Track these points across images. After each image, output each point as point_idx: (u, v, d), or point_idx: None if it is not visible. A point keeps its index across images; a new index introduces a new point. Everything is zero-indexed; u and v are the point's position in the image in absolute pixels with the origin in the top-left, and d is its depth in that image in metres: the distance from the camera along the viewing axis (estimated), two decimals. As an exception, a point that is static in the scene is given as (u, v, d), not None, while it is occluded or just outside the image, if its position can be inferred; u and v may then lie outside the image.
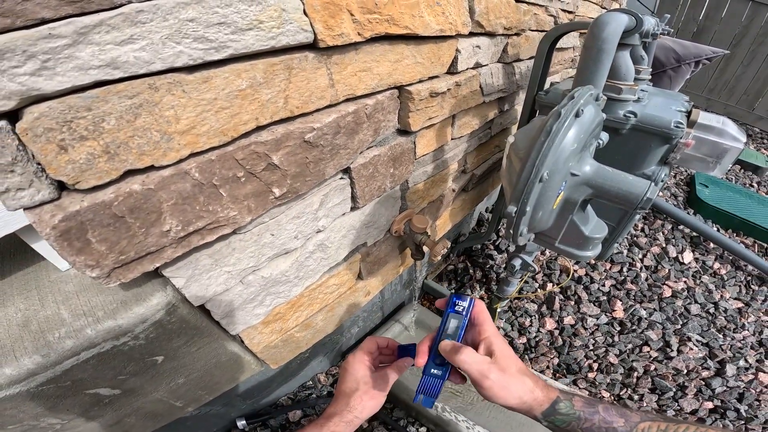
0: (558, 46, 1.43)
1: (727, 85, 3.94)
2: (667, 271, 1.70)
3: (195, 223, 0.47)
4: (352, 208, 0.78)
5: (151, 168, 0.43)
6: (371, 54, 0.64)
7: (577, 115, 0.48)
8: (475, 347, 0.54)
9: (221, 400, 0.97)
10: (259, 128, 0.52)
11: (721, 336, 1.50)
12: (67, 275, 0.62)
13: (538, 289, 1.60)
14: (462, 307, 0.55)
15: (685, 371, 1.37)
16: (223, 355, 0.72)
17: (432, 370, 0.56)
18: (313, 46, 0.54)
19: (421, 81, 0.78)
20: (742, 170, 2.81)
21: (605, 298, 1.58)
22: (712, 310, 1.59)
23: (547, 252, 1.73)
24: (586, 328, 1.48)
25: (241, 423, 1.11)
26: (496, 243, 1.73)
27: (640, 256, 1.77)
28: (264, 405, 1.19)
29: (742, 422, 1.26)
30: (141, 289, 0.55)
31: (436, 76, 0.83)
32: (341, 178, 0.70)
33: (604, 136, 0.64)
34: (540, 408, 0.51)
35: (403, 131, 0.81)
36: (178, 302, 0.55)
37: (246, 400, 1.08)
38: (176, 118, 0.42)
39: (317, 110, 0.59)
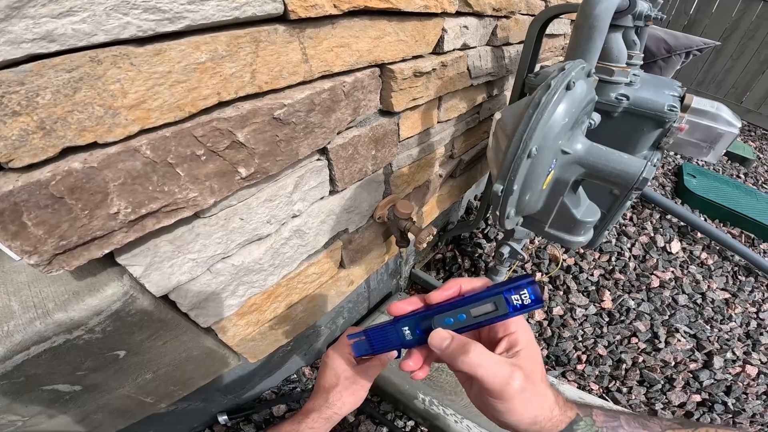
0: (548, 32, 1.39)
1: (716, 79, 3.95)
2: (655, 260, 1.69)
3: (148, 205, 0.43)
4: (331, 192, 0.74)
5: (95, 145, 0.39)
6: (349, 29, 0.60)
7: (568, 88, 0.44)
8: (492, 343, 0.41)
9: (199, 395, 0.93)
10: (223, 104, 0.47)
11: (708, 327, 1.50)
12: (20, 265, 0.57)
13: (527, 280, 1.58)
14: (518, 302, 0.38)
15: (673, 363, 1.36)
16: (194, 349, 0.68)
17: (404, 328, 0.42)
18: (283, 18, 0.50)
19: (404, 60, 0.74)
20: (730, 162, 2.83)
21: (594, 288, 1.57)
22: (699, 301, 1.59)
23: (536, 241, 1.71)
24: (575, 319, 1.46)
25: (222, 418, 1.08)
26: (485, 231, 1.70)
27: (629, 245, 1.76)
28: (247, 399, 1.16)
29: (730, 416, 1.25)
30: (96, 279, 0.51)
31: (421, 56, 0.79)
32: (318, 159, 0.66)
33: (596, 117, 0.61)
34: (553, 431, 0.40)
35: (386, 112, 0.77)
36: (137, 293, 0.51)
37: (227, 395, 1.05)
38: (123, 92, 0.38)
39: (289, 87, 0.55)
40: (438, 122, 0.97)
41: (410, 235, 0.88)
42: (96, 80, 0.36)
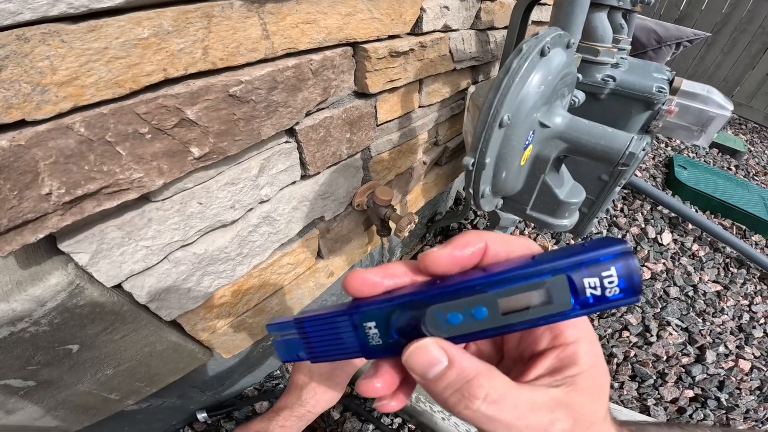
0: (535, 18, 1.36)
1: (707, 72, 3.94)
2: (646, 252, 1.67)
3: (85, 186, 0.39)
4: (303, 177, 0.70)
5: (24, 123, 0.36)
6: (317, 5, 0.56)
7: (542, 54, 0.41)
8: (524, 358, 0.26)
9: (174, 391, 0.90)
10: (171, 81, 0.44)
11: (700, 321, 1.47)
12: (-34, 255, 0.53)
13: (517, 272, 1.55)
14: (593, 292, 0.20)
15: (665, 357, 1.33)
16: (157, 344, 0.64)
17: (368, 324, 0.24)
18: (239, -8, 0.46)
19: (379, 39, 0.71)
20: (721, 154, 2.82)
21: (584, 280, 1.54)
22: (691, 293, 1.57)
23: (526, 231, 1.68)
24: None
25: (201, 416, 1.05)
26: (474, 222, 1.67)
27: (620, 236, 1.74)
28: (227, 396, 1.13)
29: (723, 411, 1.23)
30: (40, 268, 0.47)
31: (398, 36, 0.75)
32: (286, 141, 0.63)
33: (580, 95, 0.58)
34: None
35: (362, 94, 0.74)
36: (84, 283, 0.47)
37: (204, 392, 1.02)
38: (52, 69, 0.35)
39: (248, 64, 0.51)
40: (420, 106, 0.93)
41: (391, 224, 0.85)
42: (23, 58, 0.33)
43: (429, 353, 0.22)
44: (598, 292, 0.20)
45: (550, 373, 0.23)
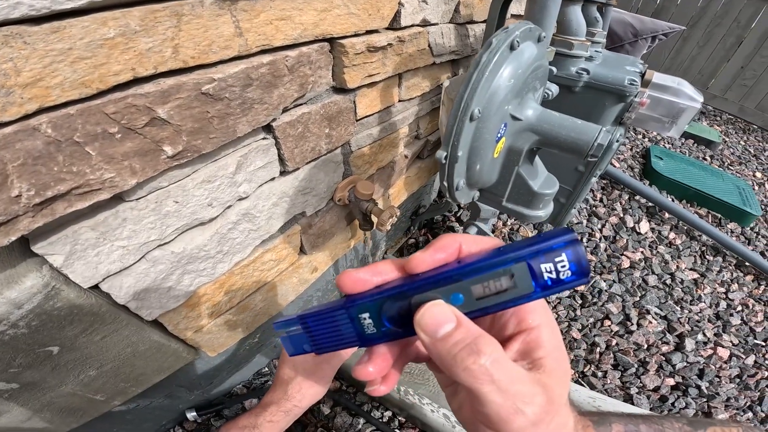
0: (515, 12, 1.37)
1: (683, 65, 4.01)
2: (625, 241, 1.71)
3: (55, 187, 0.39)
4: (283, 173, 0.70)
5: None
6: (291, 1, 0.56)
7: (512, 48, 0.42)
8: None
9: (161, 391, 0.90)
10: (140, 80, 0.44)
11: (678, 308, 1.51)
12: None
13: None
14: (550, 276, 0.24)
15: (646, 346, 1.36)
16: (140, 344, 0.64)
17: (363, 315, 0.27)
18: (209, -10, 0.46)
19: (357, 34, 0.71)
20: (696, 144, 2.88)
21: (566, 270, 1.56)
22: (668, 281, 1.61)
23: (509, 223, 1.71)
24: (548, 302, 1.46)
25: (191, 414, 1.04)
26: (458, 215, 1.69)
27: (599, 226, 1.77)
28: (217, 395, 1.13)
29: (704, 400, 1.24)
30: (14, 270, 0.47)
31: (376, 31, 0.75)
32: (264, 138, 0.63)
33: (554, 88, 0.59)
34: None
35: (340, 89, 0.74)
36: (60, 284, 0.47)
37: (193, 391, 1.01)
38: (16, 70, 0.35)
39: (221, 62, 0.51)
40: (400, 101, 0.94)
41: (373, 218, 0.86)
42: (-14, 61, 0.33)
43: (441, 312, 0.25)
44: (554, 276, 0.24)
45: (521, 356, 0.26)
